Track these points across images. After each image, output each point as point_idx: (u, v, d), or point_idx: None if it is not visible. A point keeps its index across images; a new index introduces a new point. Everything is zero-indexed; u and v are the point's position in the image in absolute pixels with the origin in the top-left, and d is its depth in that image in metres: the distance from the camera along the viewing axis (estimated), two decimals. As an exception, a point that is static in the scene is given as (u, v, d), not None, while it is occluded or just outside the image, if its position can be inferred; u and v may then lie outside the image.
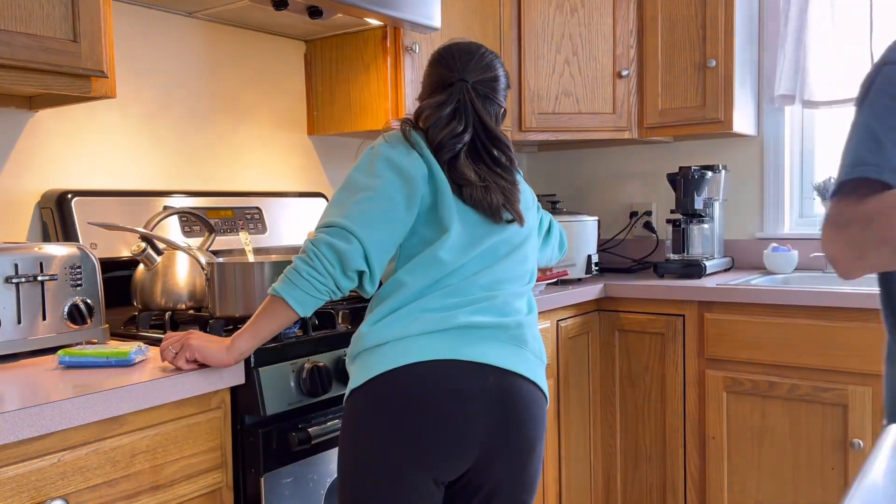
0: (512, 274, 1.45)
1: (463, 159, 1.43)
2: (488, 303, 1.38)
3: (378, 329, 1.33)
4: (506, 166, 1.48)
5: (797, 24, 2.72)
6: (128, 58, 1.98)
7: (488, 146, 1.47)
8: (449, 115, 1.45)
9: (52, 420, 1.10)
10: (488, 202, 1.41)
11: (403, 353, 1.30)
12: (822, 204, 2.80)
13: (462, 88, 1.47)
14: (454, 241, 1.38)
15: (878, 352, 2.13)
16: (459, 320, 1.33)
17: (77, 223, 1.77)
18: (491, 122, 1.48)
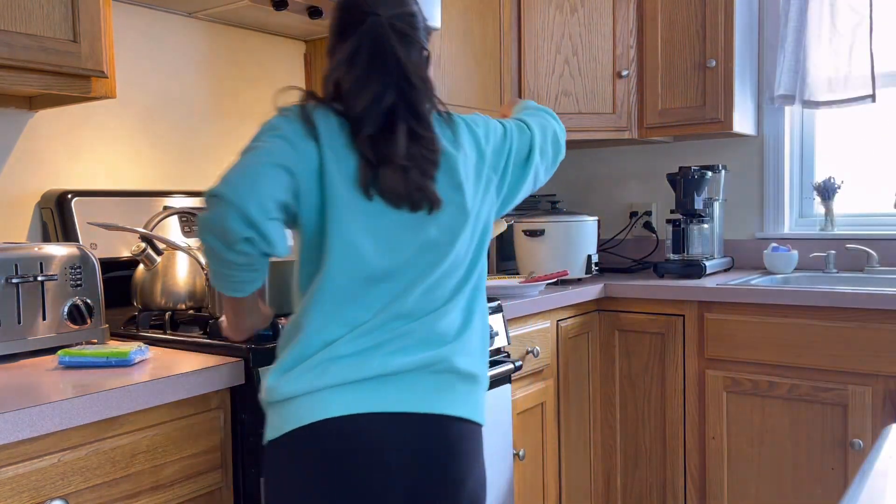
0: (441, 286, 1.23)
1: (386, 131, 1.19)
2: (408, 338, 1.19)
3: (286, 382, 1.17)
4: (432, 134, 1.23)
5: (797, 24, 2.72)
6: (128, 58, 1.98)
7: (415, 105, 1.22)
8: (364, 68, 1.20)
9: (52, 420, 1.10)
10: (402, 191, 1.17)
11: (316, 409, 1.15)
12: (822, 204, 2.80)
13: (376, 26, 1.20)
14: (358, 264, 1.18)
15: (878, 352, 2.13)
16: (374, 368, 1.16)
17: (77, 223, 1.77)
18: (415, 70, 1.22)
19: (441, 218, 1.23)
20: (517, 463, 2.12)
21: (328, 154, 1.17)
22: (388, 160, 1.17)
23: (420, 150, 1.20)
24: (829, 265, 2.70)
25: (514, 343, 2.09)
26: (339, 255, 1.17)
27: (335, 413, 1.15)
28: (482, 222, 1.31)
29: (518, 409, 2.13)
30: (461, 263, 1.27)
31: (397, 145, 1.18)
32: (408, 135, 1.20)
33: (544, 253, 2.54)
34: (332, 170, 1.16)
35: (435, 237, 1.23)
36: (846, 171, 2.81)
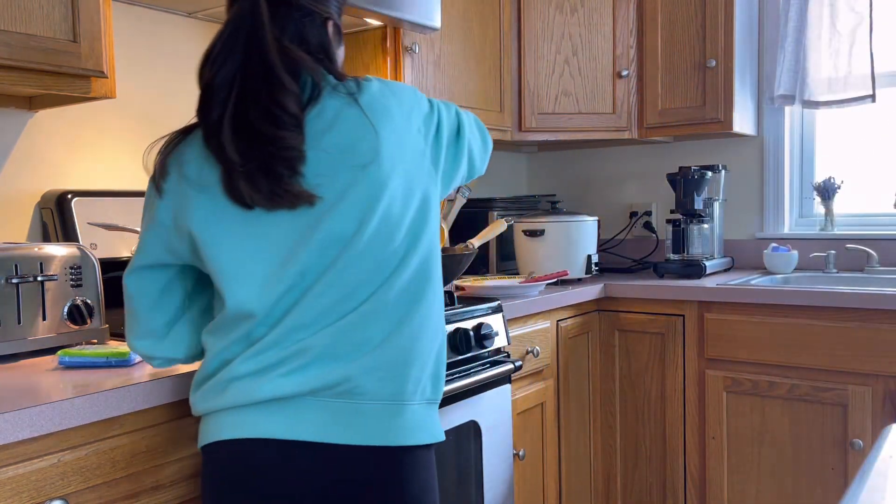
0: (354, 286, 1.10)
1: (226, 129, 1.06)
2: (306, 355, 1.09)
3: (197, 399, 1.15)
4: (289, 116, 1.06)
5: (797, 24, 2.72)
6: (128, 58, 1.97)
7: (260, 91, 1.06)
8: (219, 58, 1.09)
9: (52, 420, 1.10)
10: (264, 194, 1.06)
11: (213, 430, 1.12)
12: (822, 204, 2.80)
13: (247, 2, 1.09)
14: (245, 277, 1.10)
15: (878, 352, 2.13)
16: (265, 392, 1.08)
17: (77, 223, 1.77)
18: (273, 49, 1.07)
19: (342, 206, 1.09)
20: (517, 463, 2.12)
21: (184, 197, 1.12)
22: (231, 166, 1.07)
23: (262, 150, 1.06)
24: (829, 265, 2.70)
25: (514, 343, 2.09)
26: (227, 271, 1.10)
27: (227, 436, 1.10)
28: (415, 200, 1.15)
29: (518, 409, 2.13)
30: (383, 254, 1.12)
31: (226, 151, 1.06)
32: (240, 135, 1.07)
33: (544, 253, 2.54)
34: (193, 205, 1.11)
35: (339, 230, 1.09)
36: (846, 171, 2.81)
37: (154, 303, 1.22)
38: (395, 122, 1.14)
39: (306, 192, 1.07)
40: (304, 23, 1.14)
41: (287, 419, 1.08)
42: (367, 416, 1.10)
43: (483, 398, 1.88)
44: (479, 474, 1.89)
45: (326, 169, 1.09)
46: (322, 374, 1.08)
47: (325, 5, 1.17)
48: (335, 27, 1.21)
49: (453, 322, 1.81)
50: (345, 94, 1.12)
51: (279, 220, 1.09)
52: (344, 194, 1.09)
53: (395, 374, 1.12)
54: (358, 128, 1.11)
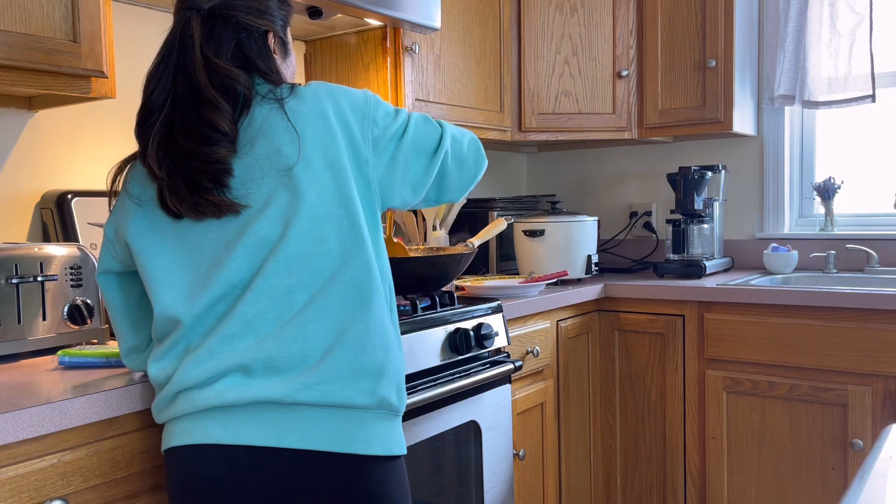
0: (286, 291, 1.09)
1: (152, 150, 1.10)
2: (243, 372, 1.08)
3: (153, 411, 1.17)
4: (220, 134, 1.08)
5: (797, 24, 2.73)
6: (128, 58, 1.97)
7: (190, 111, 1.09)
8: (153, 79, 1.14)
9: (52, 420, 1.10)
10: (188, 205, 1.08)
11: (170, 437, 1.13)
12: (822, 204, 2.80)
13: (181, 23, 1.13)
14: (169, 283, 1.12)
15: (878, 352, 2.13)
16: (209, 400, 1.08)
17: (77, 223, 1.77)
18: (201, 69, 1.09)
19: (267, 211, 1.09)
20: (517, 463, 2.12)
21: (126, 211, 1.18)
22: (159, 180, 1.11)
23: (187, 165, 1.08)
24: (829, 265, 2.70)
25: (514, 343, 2.09)
26: (154, 277, 1.14)
27: (178, 443, 1.12)
28: (350, 202, 1.13)
29: (518, 409, 2.13)
30: (315, 258, 1.10)
31: (153, 170, 1.10)
32: (166, 154, 1.09)
33: (544, 253, 2.55)
34: (131, 218, 1.17)
35: (264, 234, 1.10)
36: (846, 171, 2.81)
37: (131, 320, 1.28)
38: (327, 122, 1.14)
39: (228, 202, 1.09)
40: (242, 38, 1.17)
41: (233, 425, 1.08)
42: (314, 422, 1.08)
43: (483, 398, 1.89)
44: (479, 474, 1.89)
45: (255, 175, 1.10)
46: (265, 388, 1.07)
47: (264, 19, 1.19)
48: (278, 39, 1.23)
49: (453, 322, 1.81)
50: (273, 100, 1.14)
51: (208, 229, 1.12)
52: (269, 199, 1.10)
53: (341, 388, 1.09)
54: (283, 132, 1.12)
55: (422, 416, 1.68)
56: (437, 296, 1.85)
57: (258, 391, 1.07)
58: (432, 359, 1.72)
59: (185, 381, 1.10)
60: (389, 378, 1.15)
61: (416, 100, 2.28)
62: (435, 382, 1.70)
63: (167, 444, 1.14)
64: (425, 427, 1.70)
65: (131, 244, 1.17)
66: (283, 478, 1.08)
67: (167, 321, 1.14)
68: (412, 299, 1.78)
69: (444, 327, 1.77)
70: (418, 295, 1.81)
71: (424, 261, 1.81)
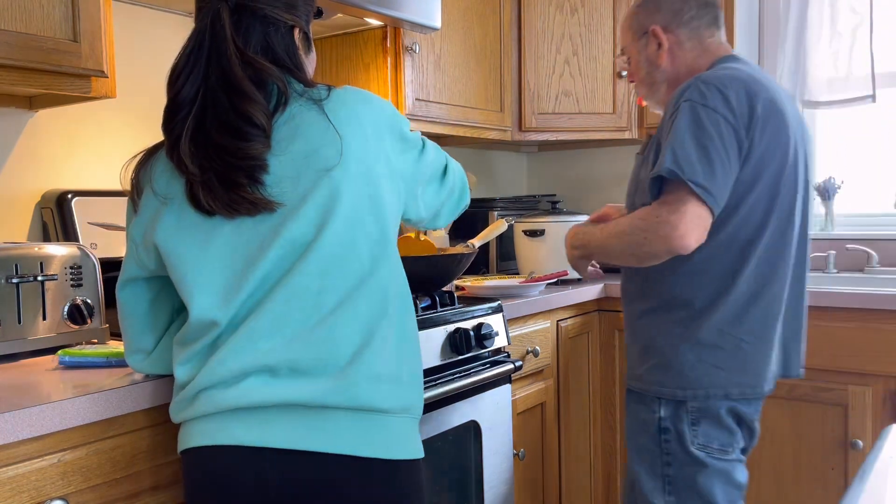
0: (316, 293, 1.08)
1: (184, 144, 1.07)
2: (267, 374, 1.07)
3: (172, 411, 1.16)
4: (255, 128, 1.06)
5: (797, 24, 2.72)
6: (128, 58, 1.97)
7: (223, 104, 1.07)
8: (183, 73, 1.10)
9: (52, 420, 1.10)
10: (223, 202, 1.06)
11: (189, 437, 1.12)
12: (822, 204, 2.80)
13: (211, 12, 1.11)
14: (204, 284, 1.09)
15: (878, 352, 2.13)
16: (233, 401, 1.06)
17: (77, 223, 1.77)
18: (236, 61, 1.08)
19: (302, 210, 1.07)
20: (517, 463, 2.12)
21: (153, 211, 1.14)
22: (191, 177, 1.08)
23: (221, 161, 1.06)
24: (829, 265, 2.70)
25: (514, 343, 2.09)
26: (188, 280, 1.11)
27: (198, 443, 1.10)
28: (381, 209, 1.14)
29: (518, 409, 2.13)
30: (347, 261, 1.09)
31: (185, 164, 1.07)
32: (199, 148, 1.07)
33: (544, 253, 2.54)
34: (159, 218, 1.12)
35: (299, 234, 1.08)
36: (846, 171, 2.81)
37: (143, 324, 1.25)
38: (364, 130, 1.13)
39: (265, 200, 1.06)
40: (269, 32, 1.15)
41: (257, 426, 1.07)
42: (340, 425, 1.07)
43: (483, 398, 1.89)
44: (479, 474, 1.89)
45: (290, 174, 1.08)
46: (290, 390, 1.06)
47: (291, 13, 1.17)
48: (303, 34, 1.21)
49: (453, 322, 1.81)
50: (312, 100, 1.12)
51: (241, 227, 1.09)
52: (305, 199, 1.08)
53: (367, 392, 1.08)
54: (323, 133, 1.10)
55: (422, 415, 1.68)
56: (437, 296, 1.85)
57: (284, 393, 1.06)
58: (432, 359, 1.72)
59: (208, 380, 1.08)
60: (413, 383, 1.16)
61: (416, 100, 2.28)
62: (435, 382, 1.70)
63: (186, 445, 1.12)
64: (425, 427, 1.70)
65: (161, 246, 1.12)
66: (308, 481, 1.07)
67: (203, 325, 1.10)
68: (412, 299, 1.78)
69: (444, 327, 1.77)
70: (418, 295, 1.81)
71: (425, 261, 1.81)
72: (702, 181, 1.37)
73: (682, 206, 1.38)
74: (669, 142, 1.42)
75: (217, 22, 1.10)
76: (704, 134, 1.40)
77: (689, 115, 1.42)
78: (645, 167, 1.56)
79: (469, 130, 2.52)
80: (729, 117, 1.43)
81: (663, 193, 1.43)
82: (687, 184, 1.37)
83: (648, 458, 1.59)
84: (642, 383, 1.61)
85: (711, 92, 1.44)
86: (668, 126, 1.47)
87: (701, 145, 1.39)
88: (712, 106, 1.42)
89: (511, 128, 2.70)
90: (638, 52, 1.70)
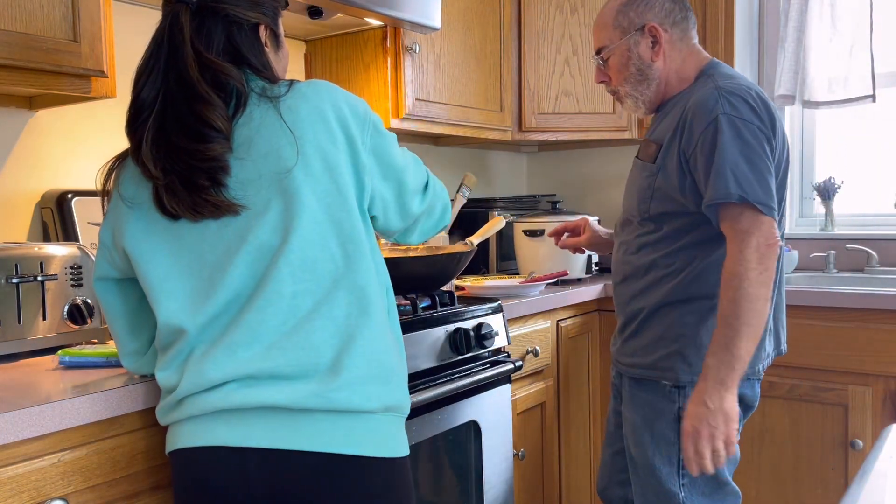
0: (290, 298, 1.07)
1: (146, 148, 1.07)
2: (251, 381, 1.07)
3: (158, 414, 1.17)
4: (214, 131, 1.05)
5: (797, 24, 2.72)
6: (128, 58, 1.97)
7: (182, 107, 1.07)
8: (143, 76, 1.11)
9: (52, 420, 1.10)
10: (186, 205, 1.06)
11: (175, 439, 1.13)
12: (822, 204, 2.80)
13: (169, 17, 1.12)
14: (171, 290, 1.10)
15: (878, 352, 2.13)
16: (216, 403, 1.07)
17: (77, 223, 1.77)
18: (193, 64, 1.07)
19: (268, 215, 1.07)
20: (517, 463, 2.12)
21: (121, 215, 1.14)
22: (154, 179, 1.07)
23: (182, 163, 1.05)
24: (829, 265, 2.70)
25: (514, 343, 2.09)
26: (155, 285, 1.11)
27: (183, 445, 1.11)
28: (348, 206, 1.12)
29: (518, 409, 2.13)
30: (318, 263, 1.09)
31: (148, 168, 1.07)
32: (160, 152, 1.07)
33: (544, 253, 2.54)
34: (127, 223, 1.13)
35: (266, 239, 1.08)
36: (846, 171, 2.81)
37: (130, 326, 1.25)
38: (328, 124, 1.11)
39: (227, 202, 1.06)
40: (232, 31, 1.14)
41: (240, 427, 1.07)
42: (323, 425, 1.07)
43: (483, 398, 1.89)
44: (479, 474, 1.89)
45: (253, 177, 1.07)
46: (272, 394, 1.06)
47: (256, 11, 1.16)
48: (269, 31, 1.20)
49: (453, 322, 1.81)
50: (269, 98, 1.10)
51: (206, 232, 1.09)
52: (269, 202, 1.07)
53: (350, 394, 1.08)
54: (280, 132, 1.08)
55: (422, 416, 1.68)
56: (437, 295, 1.85)
57: (265, 396, 1.06)
58: (432, 359, 1.72)
59: (191, 388, 1.08)
60: (396, 382, 1.15)
61: (416, 100, 2.28)
62: (435, 382, 1.70)
63: (172, 446, 1.13)
64: (425, 427, 1.70)
65: (129, 251, 1.13)
66: (291, 479, 1.07)
67: (171, 330, 1.11)
68: (412, 299, 1.78)
69: (444, 327, 1.77)
70: (418, 295, 1.81)
71: (424, 260, 1.81)
72: (763, 199, 1.46)
73: (759, 226, 1.45)
74: (722, 162, 1.46)
75: (175, 25, 1.10)
76: (751, 150, 1.47)
77: (732, 131, 1.48)
78: (664, 174, 1.59)
79: (469, 130, 2.52)
80: (762, 128, 1.50)
81: (727, 217, 1.48)
82: (752, 205, 1.45)
83: (665, 445, 1.63)
84: (657, 371, 1.63)
85: (741, 103, 1.50)
86: (707, 141, 1.50)
87: (751, 162, 1.47)
88: (748, 118, 1.49)
89: (511, 128, 2.70)
90: (628, 48, 1.68)
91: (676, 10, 1.67)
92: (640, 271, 1.69)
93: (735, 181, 1.45)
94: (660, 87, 1.69)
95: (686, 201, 1.57)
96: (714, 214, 1.51)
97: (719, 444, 1.44)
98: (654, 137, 1.66)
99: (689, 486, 1.62)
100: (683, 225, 1.60)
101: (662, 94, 1.69)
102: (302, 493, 1.08)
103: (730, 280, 1.45)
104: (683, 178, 1.55)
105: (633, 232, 1.70)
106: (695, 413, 1.45)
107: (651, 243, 1.66)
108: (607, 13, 1.72)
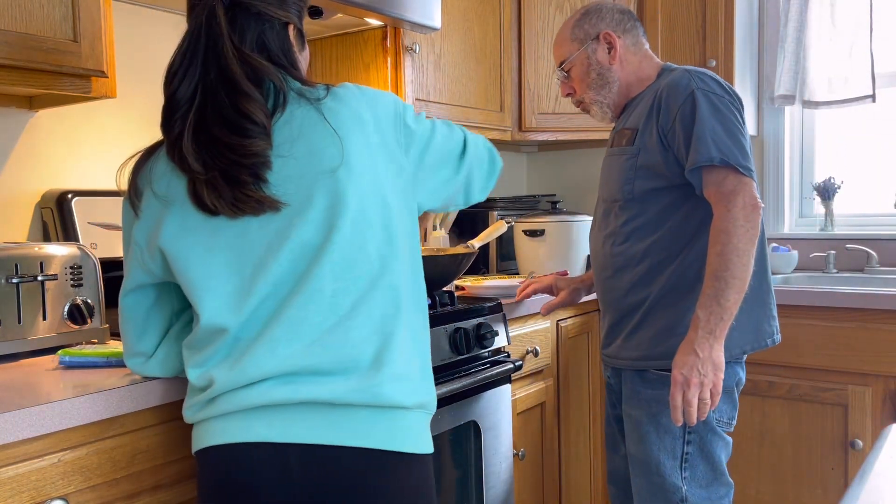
0: (332, 295, 1.08)
1: (187, 142, 1.06)
2: (289, 377, 1.07)
3: (186, 412, 1.15)
4: (255, 125, 1.05)
5: (797, 24, 2.73)
6: (128, 58, 1.97)
7: (223, 102, 1.06)
8: (179, 71, 1.09)
9: (52, 420, 1.10)
10: (227, 201, 1.05)
11: (207, 435, 1.11)
12: (822, 204, 2.80)
13: (206, 10, 1.09)
14: (213, 288, 1.09)
15: (878, 352, 2.13)
16: (253, 400, 1.06)
17: (77, 223, 1.77)
18: (234, 59, 1.07)
19: (310, 213, 1.07)
20: (517, 463, 2.12)
21: (156, 214, 1.12)
22: (194, 175, 1.06)
23: (225, 158, 1.05)
24: (829, 265, 2.70)
25: (514, 343, 2.09)
26: (197, 284, 1.09)
27: (218, 441, 1.09)
28: (388, 208, 1.13)
29: (518, 409, 2.13)
30: (358, 262, 1.10)
31: (188, 162, 1.06)
32: (201, 146, 1.06)
33: (544, 253, 2.55)
34: (163, 221, 1.11)
35: (308, 237, 1.08)
36: (846, 171, 2.81)
37: (142, 329, 1.24)
38: (366, 128, 1.12)
39: (270, 198, 1.06)
40: (264, 29, 1.14)
41: (280, 423, 1.07)
42: (364, 420, 1.08)
43: (483, 398, 1.89)
44: (479, 474, 1.89)
45: (294, 175, 1.08)
46: (313, 389, 1.06)
47: (285, 10, 1.16)
48: (297, 31, 1.20)
49: (453, 322, 1.81)
50: (309, 100, 1.11)
51: (247, 229, 1.08)
52: (311, 200, 1.07)
53: (390, 391, 1.09)
54: (324, 134, 1.09)
55: (422, 415, 1.68)
56: (437, 296, 1.85)
57: (307, 392, 1.06)
58: (432, 359, 1.72)
59: (228, 386, 1.07)
60: (427, 379, 1.18)
61: (416, 100, 2.28)
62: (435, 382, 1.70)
63: (202, 444, 1.11)
64: (425, 427, 1.70)
65: (167, 250, 1.10)
66: (334, 475, 1.07)
67: (213, 330, 1.09)
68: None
69: (444, 327, 1.77)
70: (418, 295, 1.81)
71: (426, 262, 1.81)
72: (743, 162, 1.53)
73: (743, 186, 1.52)
74: (701, 130, 1.55)
75: (213, 19, 1.08)
76: (726, 119, 1.56)
77: (707, 103, 1.57)
78: (645, 153, 1.65)
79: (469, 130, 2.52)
80: (733, 102, 1.60)
81: (711, 181, 1.55)
82: (734, 167, 1.52)
83: (669, 439, 1.64)
84: (667, 361, 1.60)
85: (711, 81, 1.61)
86: (686, 114, 1.57)
87: (728, 130, 1.55)
88: (720, 93, 1.59)
89: (511, 128, 2.70)
90: (587, 57, 1.79)
91: (626, 19, 1.80)
92: (634, 261, 1.68)
93: (716, 146, 1.53)
94: (621, 89, 1.78)
95: (671, 174, 1.63)
96: (697, 179, 1.57)
97: (706, 392, 1.48)
98: (627, 125, 1.73)
99: (690, 479, 1.64)
100: (671, 202, 1.65)
101: (625, 95, 1.79)
102: (346, 488, 1.08)
103: (717, 236, 1.50)
104: (666, 152, 1.62)
105: (618, 220, 1.71)
106: (684, 362, 1.48)
107: (639, 229, 1.67)
108: (564, 30, 1.84)
